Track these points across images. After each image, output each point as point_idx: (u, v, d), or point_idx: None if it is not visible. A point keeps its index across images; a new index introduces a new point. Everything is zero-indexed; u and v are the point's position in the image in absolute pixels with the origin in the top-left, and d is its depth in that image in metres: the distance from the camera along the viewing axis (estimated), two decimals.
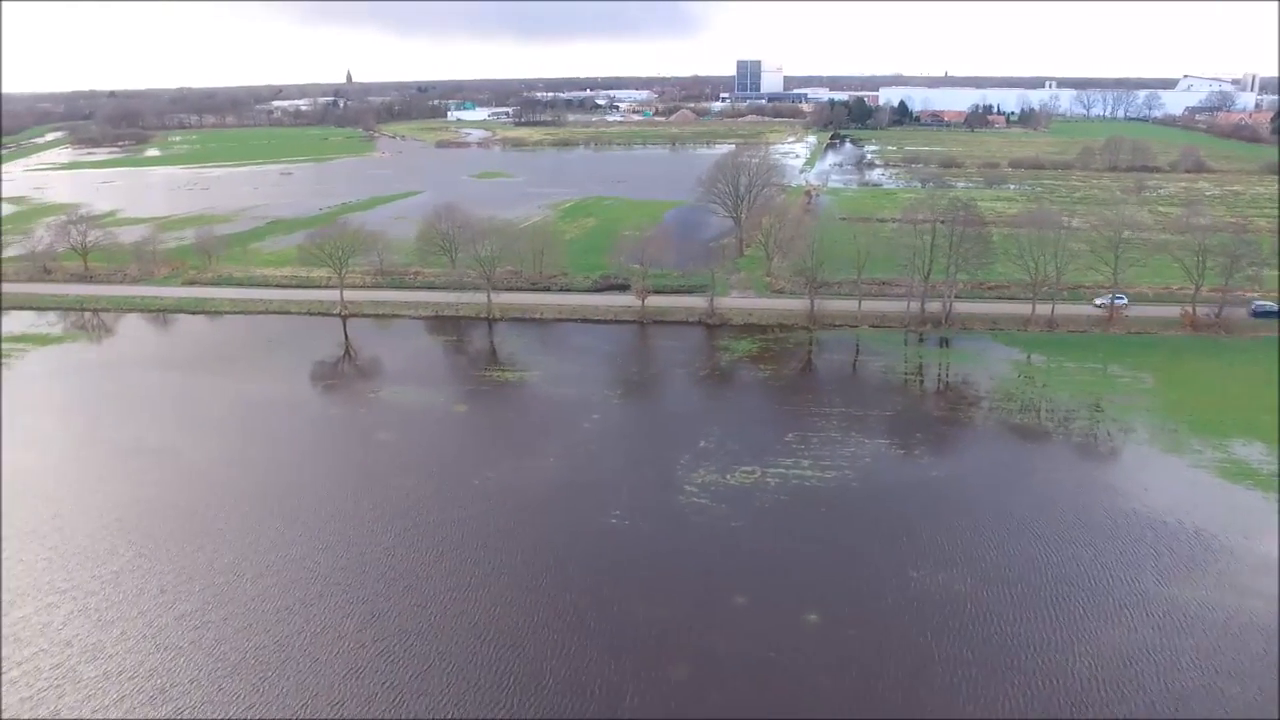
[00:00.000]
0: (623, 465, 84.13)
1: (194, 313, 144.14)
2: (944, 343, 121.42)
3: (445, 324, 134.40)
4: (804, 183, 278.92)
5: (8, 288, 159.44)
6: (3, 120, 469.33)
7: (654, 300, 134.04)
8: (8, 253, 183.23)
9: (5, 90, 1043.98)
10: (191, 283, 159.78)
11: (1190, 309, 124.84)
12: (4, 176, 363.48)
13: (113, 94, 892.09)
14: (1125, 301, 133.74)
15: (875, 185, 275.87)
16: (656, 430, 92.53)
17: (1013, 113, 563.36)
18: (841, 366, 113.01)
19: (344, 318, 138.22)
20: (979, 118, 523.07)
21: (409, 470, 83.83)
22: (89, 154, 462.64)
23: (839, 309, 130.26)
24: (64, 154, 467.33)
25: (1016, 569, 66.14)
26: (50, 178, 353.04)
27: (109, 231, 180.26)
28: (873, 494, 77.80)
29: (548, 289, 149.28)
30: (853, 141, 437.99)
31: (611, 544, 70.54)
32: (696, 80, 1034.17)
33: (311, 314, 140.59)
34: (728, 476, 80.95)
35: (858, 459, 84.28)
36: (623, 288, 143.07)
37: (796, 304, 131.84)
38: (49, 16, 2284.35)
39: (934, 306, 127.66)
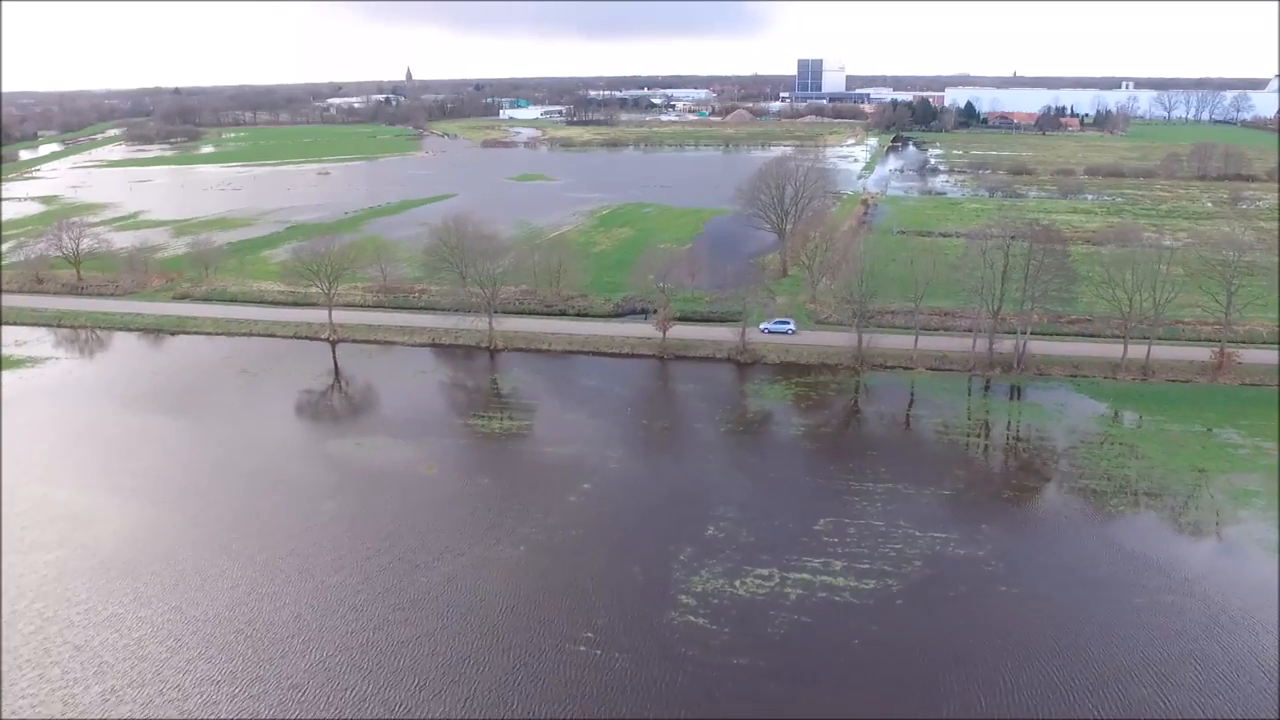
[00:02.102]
0: (607, 561, 67.59)
1: (174, 333, 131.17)
2: (1015, 392, 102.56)
3: (442, 354, 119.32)
4: (861, 189, 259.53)
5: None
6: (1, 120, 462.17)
7: (679, 331, 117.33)
8: (12, 258, 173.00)
9: (66, 87, 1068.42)
10: (183, 297, 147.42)
11: None
12: (50, 174, 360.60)
13: (177, 91, 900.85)
14: (792, 328, 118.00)
15: (939, 194, 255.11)
16: (657, 509, 75.71)
17: (1087, 115, 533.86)
18: (891, 423, 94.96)
19: (333, 343, 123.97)
20: (1051, 120, 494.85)
21: (348, 561, 68.30)
22: (140, 151, 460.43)
23: (892, 346, 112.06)
24: (116, 151, 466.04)
25: None
26: (93, 175, 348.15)
27: (103, 240, 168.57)
28: (923, 618, 60.14)
29: (563, 313, 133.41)
30: (916, 144, 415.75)
31: (575, 688, 54.07)
32: (756, 79, 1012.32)
33: (299, 338, 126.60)
34: (736, 583, 63.97)
35: (905, 560, 66.63)
36: (647, 312, 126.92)
37: (842, 339, 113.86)
38: (124, 16, 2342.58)
39: (1004, 345, 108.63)
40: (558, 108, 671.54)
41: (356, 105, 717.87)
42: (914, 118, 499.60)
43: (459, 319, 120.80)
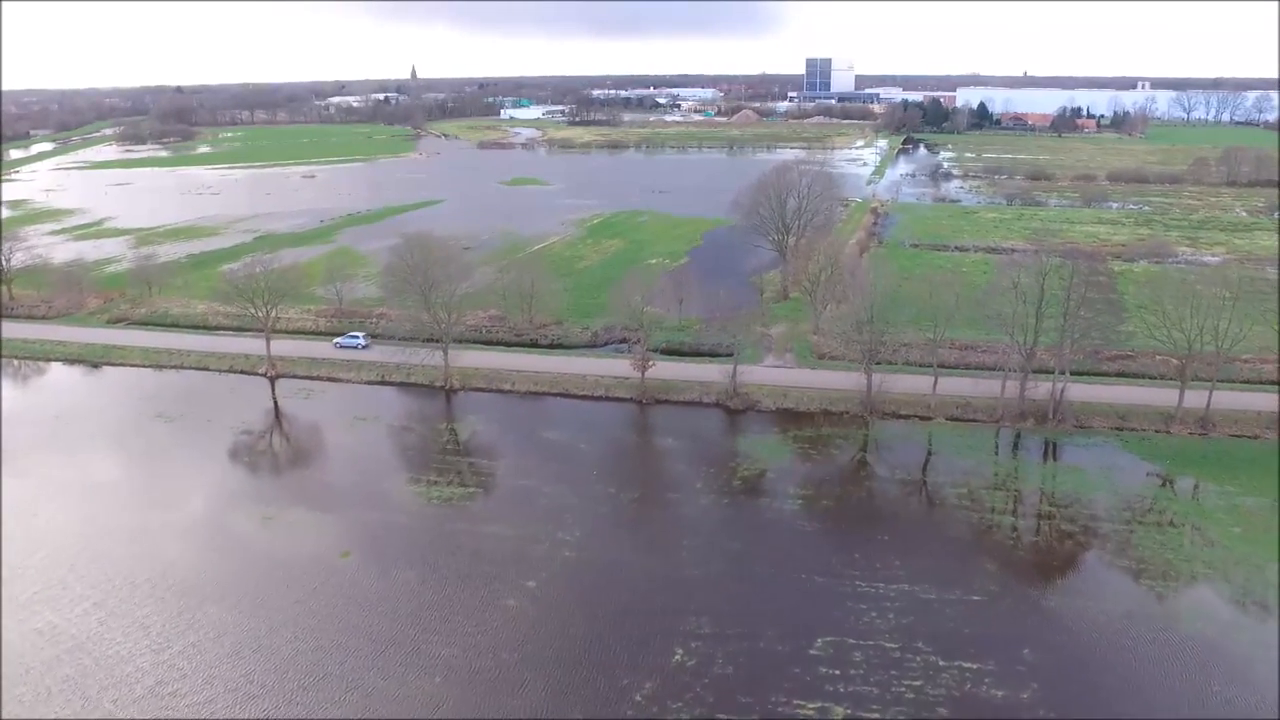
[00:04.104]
0: (542, 700, 52.69)
1: (98, 364, 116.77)
2: (1050, 450, 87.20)
3: (391, 395, 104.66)
4: (871, 196, 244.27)
5: None
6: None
7: (661, 368, 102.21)
8: None
9: (72, 85, 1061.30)
10: (119, 320, 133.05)
11: None
12: (29, 176, 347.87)
13: (180, 89, 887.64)
14: (363, 343, 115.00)
15: (953, 201, 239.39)
16: (614, 620, 60.73)
17: (1103, 116, 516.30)
18: (906, 492, 79.55)
19: (272, 379, 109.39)
20: (1067, 121, 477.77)
21: (220, 705, 53.52)
22: (130, 152, 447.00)
23: (906, 389, 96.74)
24: (106, 151, 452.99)
25: None
26: (72, 178, 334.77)
27: (38, 256, 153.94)
28: None
29: (535, 343, 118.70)
30: (927, 146, 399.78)
31: None
32: (764, 79, 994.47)
33: (234, 372, 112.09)
34: None
35: (927, 705, 51.62)
36: (627, 341, 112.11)
37: (849, 379, 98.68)
38: (134, 14, 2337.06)
39: (1037, 390, 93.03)
40: (560, 107, 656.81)
41: (355, 104, 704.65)
42: (925, 119, 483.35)
43: (414, 351, 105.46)
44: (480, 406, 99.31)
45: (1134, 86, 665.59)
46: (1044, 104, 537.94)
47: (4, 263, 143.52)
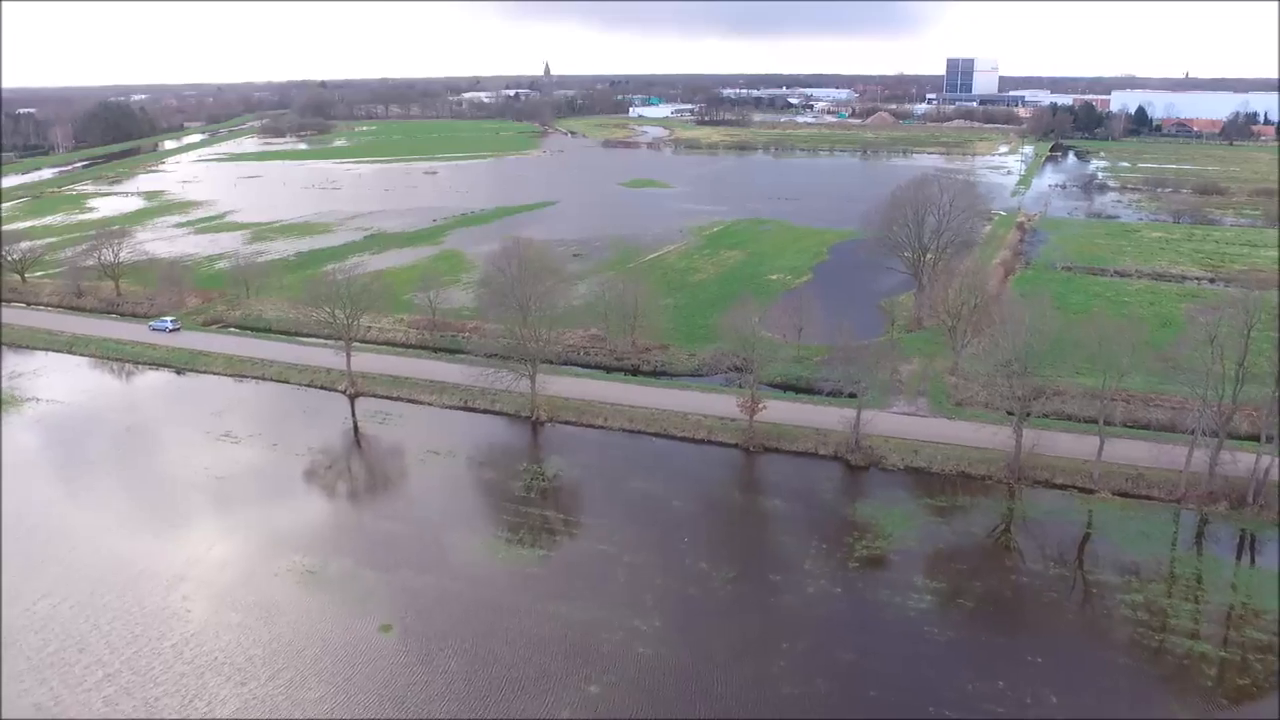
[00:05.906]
0: None
1: (182, 371, 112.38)
2: (1248, 545, 70.50)
3: (472, 423, 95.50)
4: (1017, 208, 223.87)
5: (30, 316, 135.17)
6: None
7: (772, 410, 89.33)
8: (55, 269, 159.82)
9: (227, 80, 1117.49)
10: (214, 321, 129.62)
11: None
12: (172, 167, 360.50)
13: (323, 84, 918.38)
14: (170, 326, 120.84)
15: (1109, 217, 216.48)
16: None
17: None
18: (1062, 595, 64.19)
19: (351, 398, 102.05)
20: (1240, 128, 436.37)
21: None
22: (268, 144, 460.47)
23: (1064, 451, 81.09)
24: (247, 144, 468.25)
25: None
26: (210, 170, 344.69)
27: (141, 252, 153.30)
28: None
29: (635, 369, 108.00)
30: (1077, 154, 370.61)
31: None
32: (901, 80, 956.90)
33: (314, 386, 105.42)
34: None
35: None
36: (738, 370, 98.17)
37: (994, 436, 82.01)
38: (282, 14, 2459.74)
39: (1233, 464, 75.94)
40: (690, 106, 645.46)
41: (486, 100, 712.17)
42: (1075, 124, 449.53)
43: (498, 376, 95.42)
44: (567, 443, 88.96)
45: None
46: (1212, 108, 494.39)
47: (115, 257, 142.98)
